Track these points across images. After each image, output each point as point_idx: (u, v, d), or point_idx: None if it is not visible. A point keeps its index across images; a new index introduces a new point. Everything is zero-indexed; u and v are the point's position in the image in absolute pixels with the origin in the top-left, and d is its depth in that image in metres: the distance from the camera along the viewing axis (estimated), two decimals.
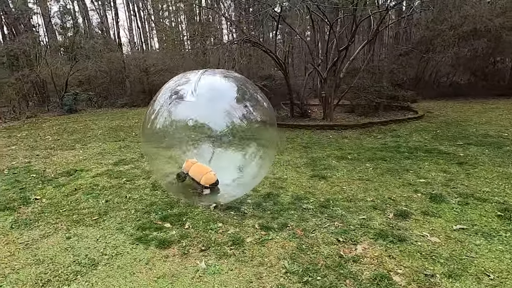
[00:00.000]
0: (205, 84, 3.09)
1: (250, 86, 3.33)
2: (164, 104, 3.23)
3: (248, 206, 3.31)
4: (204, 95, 3.06)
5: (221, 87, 3.33)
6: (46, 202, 3.68)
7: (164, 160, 3.77)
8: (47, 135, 8.12)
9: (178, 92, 3.21)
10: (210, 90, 3.19)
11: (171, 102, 3.20)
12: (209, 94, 3.16)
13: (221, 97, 3.28)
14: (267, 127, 3.47)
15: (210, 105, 3.26)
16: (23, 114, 12.99)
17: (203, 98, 3.05)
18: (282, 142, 6.63)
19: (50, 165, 5.29)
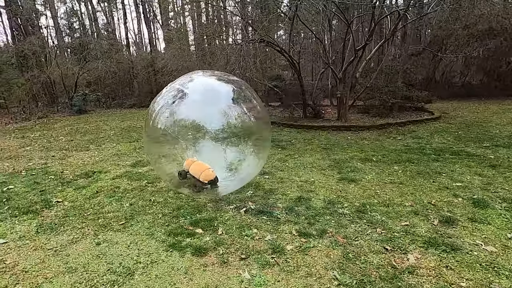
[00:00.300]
0: (203, 85, 3.40)
1: (245, 89, 3.48)
2: (165, 104, 3.34)
3: (280, 211, 3.16)
4: (202, 95, 3.32)
5: (219, 88, 3.46)
6: (68, 205, 3.57)
7: (165, 158, 3.81)
8: (60, 135, 8.05)
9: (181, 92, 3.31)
10: (207, 91, 3.37)
11: (173, 102, 3.31)
12: (206, 95, 3.33)
13: (218, 98, 3.38)
14: (261, 126, 3.67)
15: (207, 105, 3.39)
16: (33, 115, 12.99)
17: (201, 98, 3.30)
18: (300, 143, 6.49)
19: (67, 167, 5.19)
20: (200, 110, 3.38)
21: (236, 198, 3.55)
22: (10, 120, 11.72)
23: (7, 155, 5.98)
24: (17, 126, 10.19)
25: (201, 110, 3.38)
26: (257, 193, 3.69)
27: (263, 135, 3.68)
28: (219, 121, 3.38)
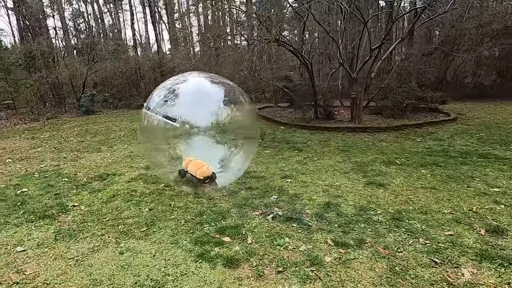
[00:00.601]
0: (194, 86, 3.70)
1: (235, 90, 3.73)
2: (157, 106, 3.61)
3: (310, 218, 2.98)
4: (192, 95, 3.60)
5: (209, 89, 3.70)
6: (85, 209, 3.42)
7: (158, 154, 4.02)
8: (70, 136, 7.95)
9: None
10: (198, 91, 3.63)
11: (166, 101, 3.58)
12: (197, 95, 3.61)
13: (208, 98, 3.67)
14: (249, 123, 4.05)
15: (197, 105, 3.64)
16: (41, 115, 12.94)
17: (192, 98, 3.59)
18: (316, 145, 6.30)
19: (80, 169, 5.06)
20: (192, 109, 3.60)
21: (261, 203, 3.38)
22: (19, 121, 11.67)
23: (18, 156, 5.87)
24: (26, 127, 10.13)
25: (193, 108, 3.60)
26: (282, 198, 3.51)
27: (251, 133, 4.01)
28: (209, 119, 3.62)
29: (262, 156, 5.56)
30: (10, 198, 3.79)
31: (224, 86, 3.80)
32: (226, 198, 3.61)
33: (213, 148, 3.94)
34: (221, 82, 3.82)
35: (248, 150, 3.94)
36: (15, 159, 5.73)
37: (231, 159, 3.91)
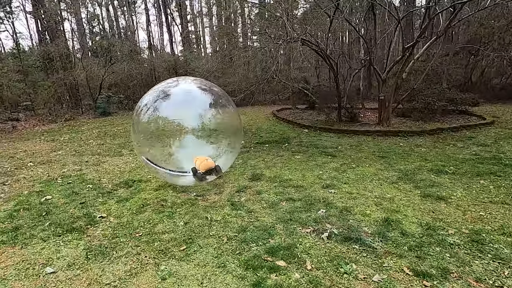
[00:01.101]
0: (183, 90, 4.20)
1: (223, 97, 4.21)
2: (150, 107, 3.92)
3: (371, 238, 2.60)
4: (181, 99, 4.08)
5: (195, 93, 4.15)
6: (114, 221, 3.13)
7: (149, 148, 4.16)
8: (89, 139, 7.77)
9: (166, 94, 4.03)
10: (186, 94, 4.13)
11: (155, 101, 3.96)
12: (185, 98, 4.10)
13: (194, 101, 4.11)
14: (232, 122, 4.35)
15: (185, 107, 4.04)
16: (59, 117, 12.94)
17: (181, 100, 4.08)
18: (348, 150, 5.89)
19: (104, 174, 4.81)
20: (178, 111, 3.96)
21: (309, 218, 3.01)
22: (38, 122, 11.67)
23: (40, 160, 5.68)
24: (45, 129, 10.07)
25: (179, 111, 3.96)
26: (331, 212, 3.13)
27: (235, 134, 4.33)
28: (197, 120, 4.02)
29: (293, 162, 5.19)
30: (34, 207, 3.55)
31: (212, 92, 4.24)
32: (267, 210, 3.26)
33: (203, 146, 4.25)
34: (210, 88, 4.28)
35: (232, 147, 4.30)
36: (36, 162, 5.54)
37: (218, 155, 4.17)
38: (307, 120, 10.17)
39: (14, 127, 10.51)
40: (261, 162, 5.28)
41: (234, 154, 4.33)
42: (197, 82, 4.36)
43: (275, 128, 9.13)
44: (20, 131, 9.95)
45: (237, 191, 3.86)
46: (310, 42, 7.82)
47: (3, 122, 11.88)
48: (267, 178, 4.35)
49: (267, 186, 4.02)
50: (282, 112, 12.61)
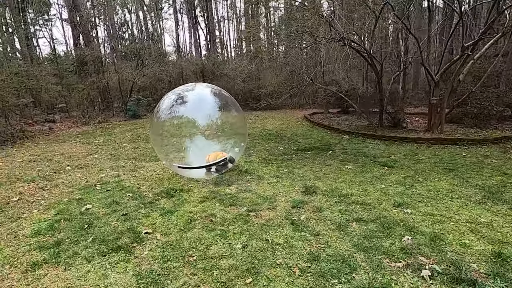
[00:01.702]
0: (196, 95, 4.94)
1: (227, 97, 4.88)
2: (167, 108, 4.70)
3: (487, 280, 2.02)
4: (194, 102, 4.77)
5: (206, 97, 4.86)
6: (162, 240, 2.76)
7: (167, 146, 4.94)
8: (123, 142, 7.64)
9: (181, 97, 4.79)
10: (199, 99, 4.83)
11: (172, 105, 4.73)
12: (198, 102, 4.79)
13: (205, 104, 4.79)
14: (239, 123, 5.09)
15: (198, 110, 4.78)
16: (92, 119, 13.18)
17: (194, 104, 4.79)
18: (403, 160, 5.25)
19: (142, 181, 4.52)
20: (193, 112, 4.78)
21: (393, 246, 2.47)
22: (72, 124, 11.90)
23: (77, 164, 5.54)
24: (79, 131, 10.18)
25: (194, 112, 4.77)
26: (419, 240, 2.57)
27: (240, 132, 5.04)
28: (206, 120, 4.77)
29: (346, 172, 4.64)
30: (75, 217, 3.28)
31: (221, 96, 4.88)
32: (336, 234, 2.76)
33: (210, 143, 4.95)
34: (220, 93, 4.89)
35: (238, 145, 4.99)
36: (74, 166, 5.39)
37: None
38: (344, 125, 9.54)
39: (51, 128, 10.74)
40: (309, 172, 4.78)
41: (240, 150, 4.99)
42: (209, 87, 5.11)
43: (311, 133, 8.58)
44: (56, 132, 10.13)
45: (293, 207, 3.39)
46: (353, 41, 7.25)
47: (40, 124, 12.24)
48: (322, 191, 3.84)
49: (326, 201, 3.52)
50: (314, 116, 12.04)
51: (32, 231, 2.95)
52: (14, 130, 9.15)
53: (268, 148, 6.77)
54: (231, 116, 5.03)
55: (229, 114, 4.98)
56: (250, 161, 5.61)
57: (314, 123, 10.34)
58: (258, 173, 4.76)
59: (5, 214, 3.42)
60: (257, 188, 4.06)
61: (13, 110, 11.52)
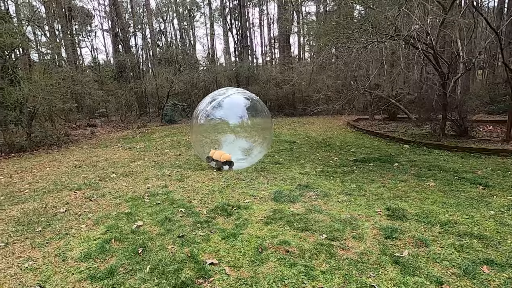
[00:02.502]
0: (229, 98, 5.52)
1: (256, 101, 5.57)
2: (203, 110, 5.38)
3: None
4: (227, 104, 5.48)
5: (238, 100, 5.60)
6: (233, 275, 2.21)
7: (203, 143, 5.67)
8: (164, 148, 7.38)
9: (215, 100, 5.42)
10: (231, 103, 5.52)
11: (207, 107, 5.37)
12: (230, 104, 5.51)
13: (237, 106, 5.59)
14: (265, 125, 5.75)
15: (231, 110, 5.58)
16: (130, 124, 13.36)
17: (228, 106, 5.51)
18: (497, 177, 4.31)
19: (192, 193, 4.07)
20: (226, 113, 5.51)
21: None
22: (112, 129, 12.08)
23: (121, 171, 5.26)
24: (119, 135, 10.20)
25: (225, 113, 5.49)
26: None
27: (266, 133, 5.65)
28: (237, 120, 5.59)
29: (430, 191, 3.85)
30: (127, 237, 2.85)
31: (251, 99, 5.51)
32: (467, 282, 2.03)
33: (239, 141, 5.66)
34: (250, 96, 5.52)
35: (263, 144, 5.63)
36: (119, 173, 5.11)
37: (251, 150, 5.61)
38: (397, 132, 8.59)
39: (93, 132, 10.92)
40: (383, 189, 4.04)
41: (264, 148, 5.58)
42: (240, 92, 5.63)
43: (363, 142, 7.77)
44: (97, 137, 10.24)
45: (386, 237, 2.69)
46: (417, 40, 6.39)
47: (83, 128, 12.59)
48: (413, 216, 3.11)
49: (427, 231, 2.78)
50: (359, 123, 11.14)
51: (82, 254, 2.55)
52: (60, 134, 9.34)
53: (321, 158, 6.10)
54: (259, 120, 5.72)
55: (258, 118, 5.68)
56: (306, 173, 4.98)
57: (362, 130, 9.48)
58: (321, 188, 4.11)
59: (52, 228, 3.10)
60: (328, 208, 3.41)
61: (59, 114, 11.95)
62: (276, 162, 5.82)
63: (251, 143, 5.82)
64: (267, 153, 6.55)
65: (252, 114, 5.77)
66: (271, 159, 6.08)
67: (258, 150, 5.60)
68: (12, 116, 7.83)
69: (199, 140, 5.79)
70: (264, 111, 5.54)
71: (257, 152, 5.60)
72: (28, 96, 7.72)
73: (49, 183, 4.66)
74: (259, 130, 5.98)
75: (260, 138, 5.77)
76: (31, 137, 8.12)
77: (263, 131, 5.86)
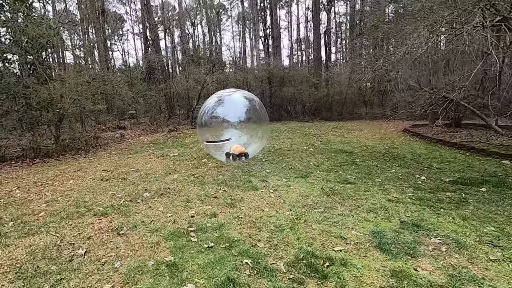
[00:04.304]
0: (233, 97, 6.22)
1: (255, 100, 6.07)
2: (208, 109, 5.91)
3: None
4: (229, 103, 6.06)
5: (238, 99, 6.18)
6: None
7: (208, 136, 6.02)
8: (200, 156, 6.36)
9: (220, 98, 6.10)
10: (232, 101, 6.09)
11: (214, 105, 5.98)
12: (232, 103, 6.06)
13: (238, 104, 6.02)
14: (261, 121, 5.95)
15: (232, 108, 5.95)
16: (159, 126, 12.66)
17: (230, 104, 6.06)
18: None
19: (254, 230, 2.93)
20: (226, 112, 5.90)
21: None
22: (142, 131, 11.40)
23: (156, 188, 4.26)
24: (149, 139, 9.41)
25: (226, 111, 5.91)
26: None
27: (263, 128, 6.03)
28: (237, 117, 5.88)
29: None
30: None
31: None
32: None
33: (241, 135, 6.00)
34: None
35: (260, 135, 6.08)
36: (152, 192, 4.11)
37: None
38: (478, 143, 6.97)
39: (122, 135, 10.25)
40: None
41: (261, 144, 6.03)
42: (242, 93, 6.36)
43: (441, 154, 6.28)
44: (127, 140, 9.52)
45: None
46: None
47: (112, 130, 12.04)
48: None
49: None
50: (418, 129, 9.54)
51: None
52: (89, 136, 8.71)
53: (401, 176, 4.75)
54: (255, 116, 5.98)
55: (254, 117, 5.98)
56: (397, 200, 3.67)
57: (429, 139, 7.94)
58: (441, 231, 2.81)
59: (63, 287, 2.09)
60: (485, 274, 2.12)
61: (89, 115, 11.48)
62: (345, 180, 4.56)
63: (249, 135, 6.07)
64: (328, 167, 5.30)
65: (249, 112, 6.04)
66: (336, 175, 4.83)
67: (256, 142, 5.99)
68: (40, 116, 7.23)
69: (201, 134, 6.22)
70: (261, 110, 5.96)
71: (255, 143, 5.96)
72: (56, 95, 7.08)
73: (69, 202, 3.74)
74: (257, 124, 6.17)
75: (258, 131, 6.12)
76: (59, 141, 7.50)
77: (259, 124, 6.13)
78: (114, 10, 27.62)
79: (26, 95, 6.95)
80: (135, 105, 15.22)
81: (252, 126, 5.98)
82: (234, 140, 5.76)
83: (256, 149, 5.90)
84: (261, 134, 5.97)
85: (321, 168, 5.32)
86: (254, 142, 5.88)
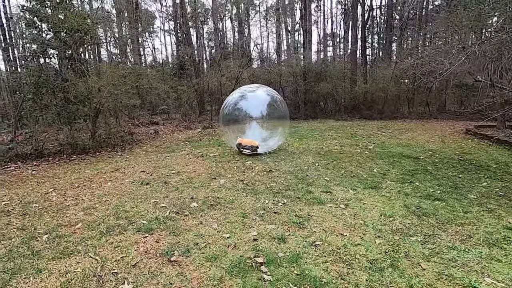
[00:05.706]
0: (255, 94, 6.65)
1: (276, 96, 6.49)
2: (231, 103, 6.31)
3: None
4: (253, 98, 6.43)
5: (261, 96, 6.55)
6: None
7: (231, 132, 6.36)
8: (244, 159, 5.73)
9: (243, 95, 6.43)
10: (254, 97, 6.50)
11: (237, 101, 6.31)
12: (255, 99, 6.44)
13: (261, 100, 6.40)
14: (283, 117, 6.23)
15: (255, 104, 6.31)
16: (191, 123, 12.30)
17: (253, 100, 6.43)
18: None
19: (342, 266, 2.21)
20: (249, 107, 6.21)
21: None
22: (175, 128, 11.07)
23: (203, 197, 3.67)
24: (184, 136, 8.99)
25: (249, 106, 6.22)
26: None
27: (284, 123, 6.28)
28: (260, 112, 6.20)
29: None
30: None
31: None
32: None
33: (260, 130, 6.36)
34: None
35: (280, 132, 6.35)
36: (200, 201, 3.52)
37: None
38: None
39: (156, 132, 9.95)
40: None
41: (282, 138, 6.39)
42: (264, 88, 6.82)
43: None
44: (161, 137, 9.18)
45: None
46: None
47: (145, 126, 11.85)
48: None
49: None
50: (485, 130, 8.24)
51: None
52: (124, 132, 8.45)
53: (502, 193, 3.78)
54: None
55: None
56: None
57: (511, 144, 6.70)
58: None
59: None
60: None
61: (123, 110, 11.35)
62: (430, 195, 3.69)
63: (269, 130, 6.42)
64: (398, 176, 4.43)
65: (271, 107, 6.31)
66: (413, 188, 3.96)
67: (276, 136, 6.27)
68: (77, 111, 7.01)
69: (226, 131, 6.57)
70: (282, 105, 6.30)
71: (275, 138, 6.25)
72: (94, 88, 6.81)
73: (109, 211, 3.25)
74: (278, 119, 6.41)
75: (278, 126, 6.41)
76: (95, 136, 7.26)
77: (280, 120, 6.34)
78: (145, 8, 27.93)
79: (64, 89, 6.75)
80: (167, 101, 15.04)
81: (274, 123, 6.32)
82: (262, 144, 5.98)
83: (274, 145, 6.19)
84: (281, 130, 6.35)
85: (390, 177, 4.46)
86: (273, 137, 6.22)
